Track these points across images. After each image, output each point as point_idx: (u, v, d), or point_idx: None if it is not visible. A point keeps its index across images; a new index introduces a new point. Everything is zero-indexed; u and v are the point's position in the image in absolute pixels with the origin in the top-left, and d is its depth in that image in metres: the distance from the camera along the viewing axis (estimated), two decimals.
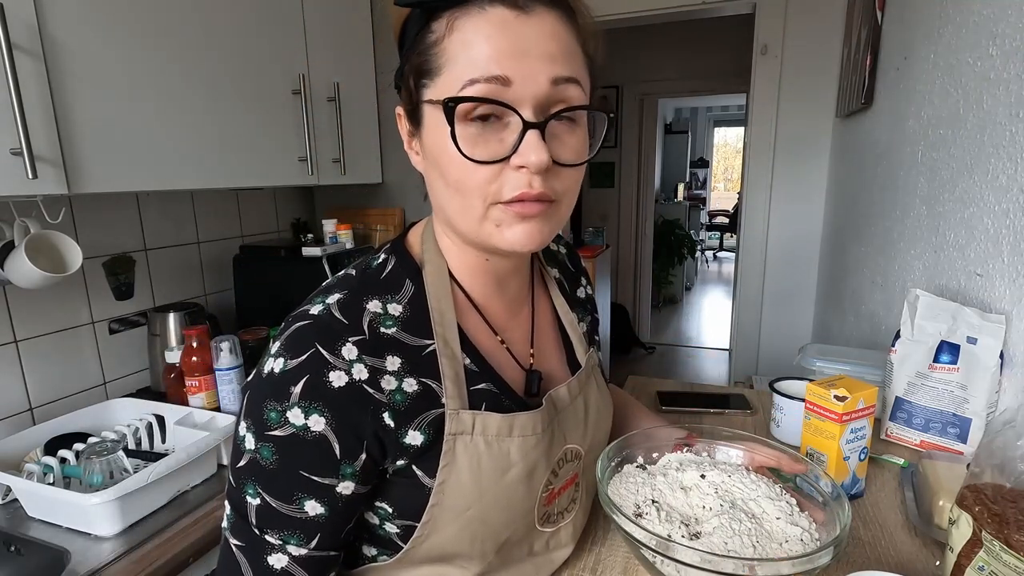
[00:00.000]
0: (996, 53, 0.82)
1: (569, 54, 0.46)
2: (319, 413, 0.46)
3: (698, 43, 3.90)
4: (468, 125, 0.45)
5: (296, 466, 0.47)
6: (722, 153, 9.49)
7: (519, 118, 0.44)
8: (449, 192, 0.48)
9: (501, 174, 0.46)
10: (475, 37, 0.44)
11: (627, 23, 2.24)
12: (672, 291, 5.80)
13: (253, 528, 0.48)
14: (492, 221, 0.48)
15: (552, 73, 0.44)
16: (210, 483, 1.04)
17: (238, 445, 0.49)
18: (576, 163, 0.48)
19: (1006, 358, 0.76)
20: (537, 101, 0.44)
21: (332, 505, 0.48)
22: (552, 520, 0.59)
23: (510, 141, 0.45)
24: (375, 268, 0.55)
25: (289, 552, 0.48)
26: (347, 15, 1.60)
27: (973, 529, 0.49)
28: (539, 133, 0.44)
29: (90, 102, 0.98)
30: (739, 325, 2.24)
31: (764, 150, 2.07)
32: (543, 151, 0.44)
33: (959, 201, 0.92)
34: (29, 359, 1.21)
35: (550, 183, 0.46)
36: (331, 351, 0.47)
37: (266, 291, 1.61)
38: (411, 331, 0.52)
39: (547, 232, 0.49)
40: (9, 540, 0.90)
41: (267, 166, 1.38)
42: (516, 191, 0.45)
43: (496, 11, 0.44)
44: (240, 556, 0.49)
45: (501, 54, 0.43)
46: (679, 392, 1.07)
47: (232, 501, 0.49)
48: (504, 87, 0.43)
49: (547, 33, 0.44)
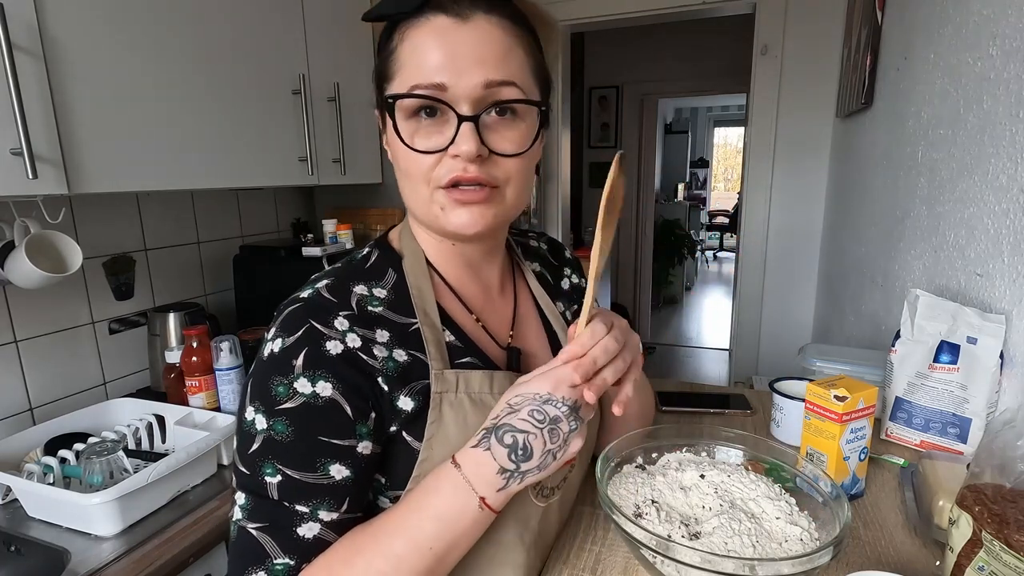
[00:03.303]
0: (996, 53, 0.82)
1: (504, 58, 0.51)
2: (324, 379, 0.49)
3: (698, 43, 3.90)
4: (412, 120, 0.52)
5: (314, 432, 0.49)
6: (722, 153, 9.49)
7: (455, 113, 0.50)
8: (403, 179, 0.55)
9: (441, 162, 0.52)
10: (420, 45, 0.50)
11: (627, 23, 2.24)
12: (672, 291, 5.80)
13: (278, 504, 0.48)
14: (437, 205, 0.54)
15: (484, 77, 0.50)
16: (210, 483, 1.04)
17: (247, 431, 0.50)
18: (512, 153, 0.53)
19: (1006, 358, 0.76)
20: (472, 100, 0.50)
21: (356, 466, 0.50)
22: (544, 494, 0.61)
23: (449, 134, 0.51)
24: (360, 259, 0.60)
25: (320, 519, 0.49)
26: (347, 15, 1.60)
27: (973, 529, 0.49)
28: (472, 126, 0.50)
29: (90, 102, 0.98)
30: (739, 325, 2.24)
31: (764, 150, 2.07)
32: (472, 141, 0.50)
33: (959, 201, 0.92)
34: (29, 359, 1.21)
35: (487, 170, 0.52)
36: (324, 324, 0.51)
37: (266, 291, 1.61)
38: (396, 311, 0.56)
39: (490, 216, 0.54)
40: (9, 540, 0.90)
41: (267, 166, 1.38)
42: (451, 175, 0.51)
43: (438, 20, 0.50)
44: (263, 537, 0.48)
45: (440, 62, 0.49)
46: (679, 392, 1.07)
47: (248, 488, 0.50)
48: (441, 92, 0.50)
49: (483, 39, 0.50)
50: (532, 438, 0.47)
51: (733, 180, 9.70)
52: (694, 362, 4.33)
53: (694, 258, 6.44)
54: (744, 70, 2.15)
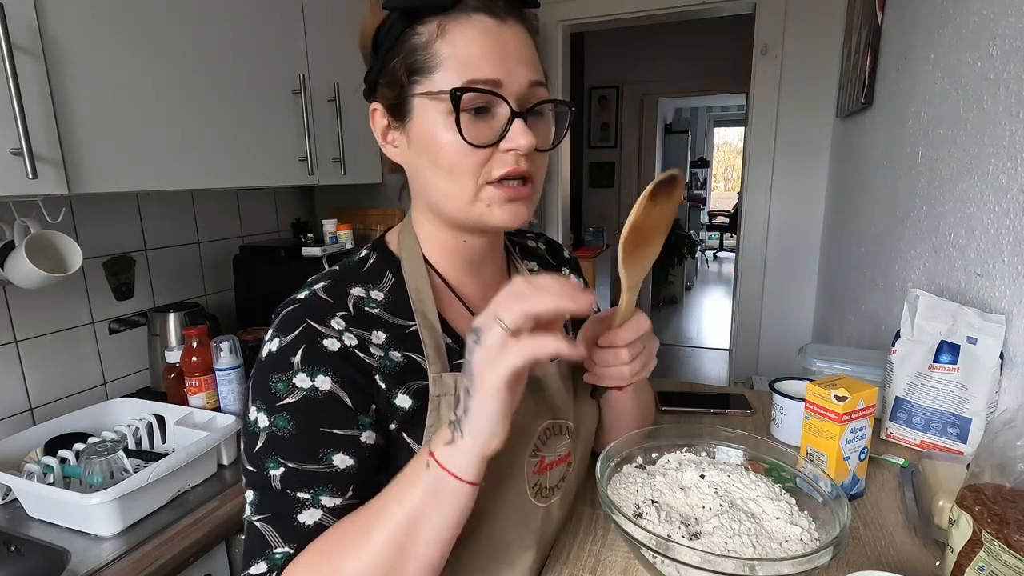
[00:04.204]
0: (996, 53, 0.82)
1: (537, 61, 0.55)
2: (323, 373, 0.50)
3: (698, 43, 3.90)
4: (464, 116, 0.51)
5: (315, 425, 0.50)
6: (722, 153, 9.49)
7: (508, 109, 0.51)
8: (441, 176, 0.54)
9: (492, 157, 0.53)
10: (465, 41, 0.51)
11: (627, 23, 2.24)
12: (672, 291, 5.80)
13: (280, 493, 0.49)
14: (483, 201, 0.54)
15: (530, 76, 0.53)
16: (210, 483, 1.04)
17: (251, 431, 0.51)
18: (547, 148, 0.56)
19: (1006, 358, 0.76)
20: (520, 97, 0.52)
21: (360, 456, 0.51)
22: (544, 494, 0.61)
23: (498, 129, 0.52)
24: (357, 262, 0.61)
25: (322, 505, 0.49)
26: (347, 15, 1.60)
27: (973, 529, 0.49)
28: (523, 121, 0.52)
29: (90, 102, 0.98)
30: (739, 325, 2.24)
31: (764, 150, 2.07)
32: (530, 135, 0.52)
33: (959, 201, 0.92)
34: (29, 359, 1.21)
35: (529, 165, 0.54)
36: (321, 323, 0.52)
37: (266, 291, 1.61)
38: (393, 313, 0.57)
39: (527, 212, 0.56)
40: (9, 540, 0.90)
41: (267, 166, 1.38)
42: (504, 168, 0.53)
43: (480, 19, 0.51)
44: (265, 528, 0.49)
45: (491, 58, 0.51)
46: (679, 392, 1.07)
47: (254, 485, 0.51)
48: (497, 88, 0.51)
49: (521, 41, 0.53)
50: (462, 387, 0.45)
51: (733, 180, 9.70)
52: (694, 362, 4.33)
53: (694, 258, 6.44)
54: (744, 70, 2.15)
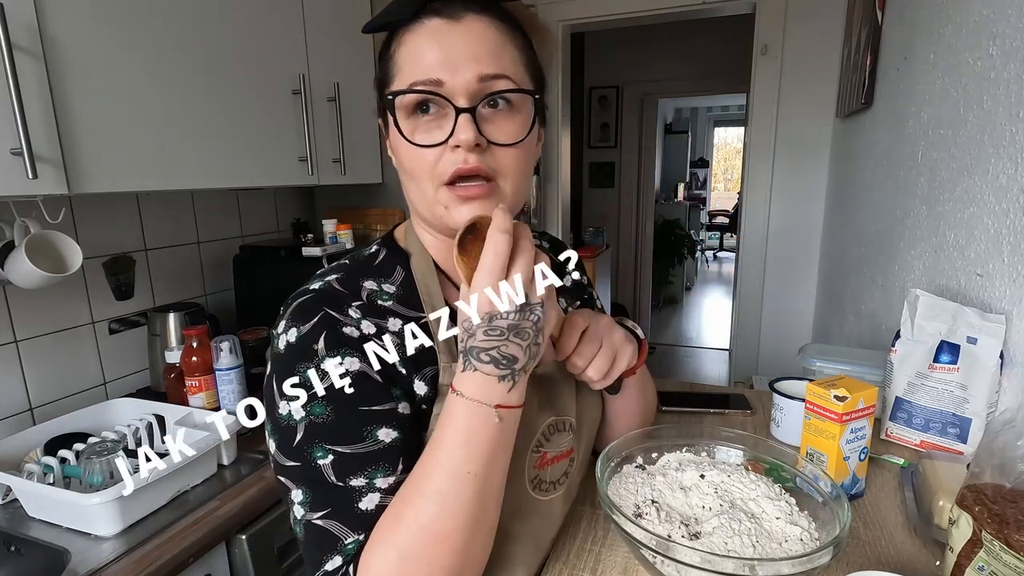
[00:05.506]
0: (996, 53, 0.82)
1: (496, 54, 0.53)
2: (350, 355, 0.51)
3: (698, 43, 3.90)
4: (411, 119, 0.53)
5: (353, 405, 0.51)
6: (722, 153, 9.49)
7: (452, 106, 0.51)
8: (407, 179, 0.56)
9: (442, 156, 0.52)
10: (416, 47, 0.52)
11: (627, 23, 2.24)
12: (672, 291, 5.80)
13: (334, 487, 0.49)
14: (441, 203, 0.54)
15: (478, 71, 0.51)
16: (210, 483, 1.04)
17: (286, 426, 0.51)
18: (509, 143, 0.53)
19: (1006, 358, 0.76)
20: (468, 93, 0.51)
21: (401, 426, 0.52)
22: (543, 488, 0.61)
23: (448, 128, 0.52)
24: (367, 256, 0.61)
25: (378, 487, 0.50)
26: (347, 15, 1.60)
27: (973, 529, 0.49)
28: (469, 117, 0.51)
29: (90, 102, 0.98)
30: (739, 325, 2.24)
31: (764, 150, 2.07)
32: (470, 130, 0.51)
33: (959, 201, 0.92)
34: (29, 359, 1.21)
35: (486, 161, 0.53)
36: (338, 311, 0.53)
37: (266, 291, 1.61)
38: (405, 305, 0.58)
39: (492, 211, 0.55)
40: (9, 540, 0.90)
41: (267, 166, 1.38)
42: (453, 167, 0.52)
43: (432, 22, 0.52)
44: (329, 523, 0.49)
45: (435, 60, 0.51)
46: (679, 392, 1.07)
47: (303, 482, 0.50)
48: (438, 87, 0.51)
49: (475, 37, 0.52)
50: (505, 347, 0.47)
51: (733, 180, 9.69)
52: (694, 362, 4.33)
53: (694, 258, 6.44)
54: (744, 70, 2.14)
